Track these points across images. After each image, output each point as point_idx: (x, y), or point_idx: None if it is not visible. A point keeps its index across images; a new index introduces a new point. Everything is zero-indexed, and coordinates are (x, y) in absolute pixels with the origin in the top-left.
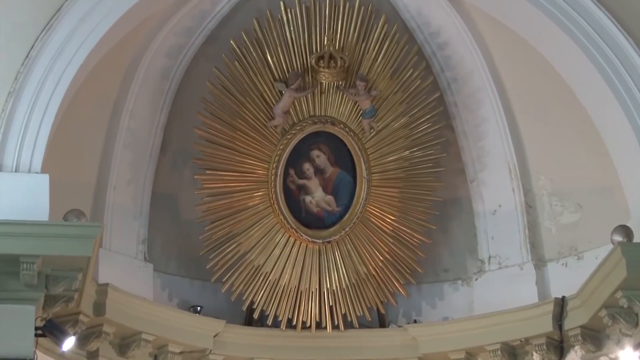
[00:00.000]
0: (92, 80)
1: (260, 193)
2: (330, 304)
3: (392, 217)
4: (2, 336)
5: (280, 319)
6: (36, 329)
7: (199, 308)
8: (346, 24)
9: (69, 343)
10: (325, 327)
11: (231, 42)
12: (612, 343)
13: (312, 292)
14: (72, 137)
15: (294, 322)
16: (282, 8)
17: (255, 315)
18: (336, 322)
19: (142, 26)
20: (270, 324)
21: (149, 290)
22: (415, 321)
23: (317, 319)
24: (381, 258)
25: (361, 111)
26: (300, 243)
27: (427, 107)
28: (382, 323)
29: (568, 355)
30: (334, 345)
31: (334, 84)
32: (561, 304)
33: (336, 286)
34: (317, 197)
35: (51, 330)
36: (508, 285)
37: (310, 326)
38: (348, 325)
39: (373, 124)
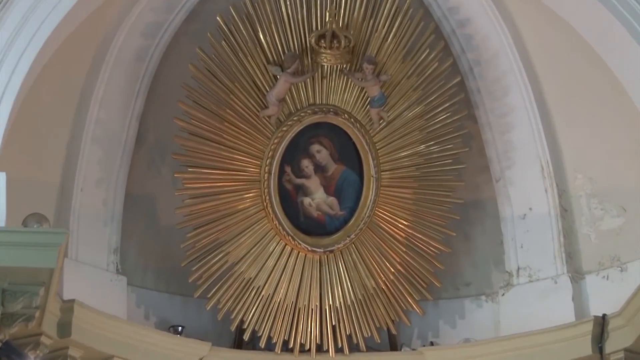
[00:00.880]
0: (55, 63)
1: (251, 194)
2: (333, 323)
3: (405, 222)
4: None
5: (274, 340)
6: None
7: (180, 328)
8: None
9: None
10: (327, 351)
11: (217, 18)
12: None
13: (312, 310)
14: (33, 130)
15: (291, 345)
16: None
17: (246, 337)
18: (340, 345)
19: (113, 0)
20: (263, 346)
21: (122, 307)
22: (432, 343)
23: (318, 341)
24: (392, 270)
25: (369, 99)
26: (298, 252)
27: (446, 94)
28: (394, 345)
29: None
30: None
31: (337, 67)
32: (602, 323)
33: (340, 303)
34: (318, 199)
35: (8, 353)
36: (540, 301)
37: (309, 349)
38: (354, 348)
39: (383, 114)
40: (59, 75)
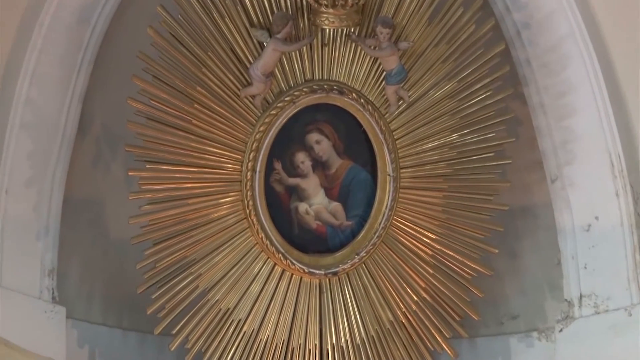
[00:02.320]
0: None
1: (229, 198)
2: None
3: (432, 236)
4: None
5: None
6: None
7: None
8: None
9: None
10: None
11: None
12: None
13: (310, 351)
14: None
15: None
16: None
17: None
18: None
19: None
20: None
21: (60, 346)
22: None
23: None
24: (415, 298)
25: (385, 73)
26: (292, 275)
27: (486, 66)
28: None
29: None
30: None
31: (342, 31)
32: None
33: (346, 341)
34: (317, 205)
35: None
36: (610, 339)
37: None
38: None
39: (402, 93)
40: None
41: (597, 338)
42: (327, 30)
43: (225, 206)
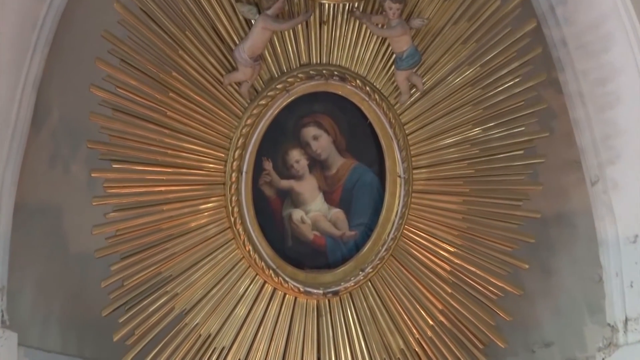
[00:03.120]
0: None
1: (211, 204)
2: None
3: (451, 248)
4: None
5: None
6: None
7: None
8: None
9: None
10: None
11: None
12: None
13: None
14: None
15: None
16: None
17: None
18: None
19: None
20: None
21: None
22: None
23: None
24: (430, 322)
25: (394, 57)
26: (284, 295)
27: (513, 48)
28: None
29: None
30: None
31: (344, 6)
32: None
33: None
34: (315, 212)
35: None
36: None
37: None
38: None
39: (416, 80)
40: None
41: None
42: (327, 5)
43: (205, 213)
